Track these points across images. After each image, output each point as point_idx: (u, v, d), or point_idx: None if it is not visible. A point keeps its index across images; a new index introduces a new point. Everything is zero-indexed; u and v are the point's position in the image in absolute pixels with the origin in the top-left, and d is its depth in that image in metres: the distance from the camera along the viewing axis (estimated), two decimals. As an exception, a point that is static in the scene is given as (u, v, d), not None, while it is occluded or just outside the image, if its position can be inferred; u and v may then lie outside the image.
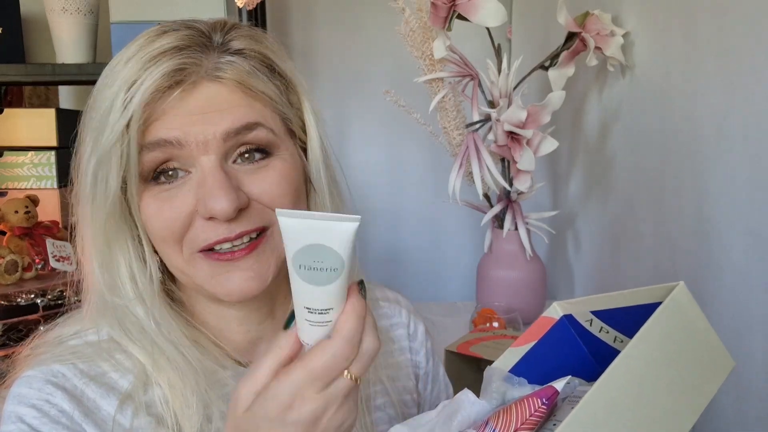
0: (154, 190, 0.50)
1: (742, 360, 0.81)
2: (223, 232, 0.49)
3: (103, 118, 0.48)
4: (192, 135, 0.48)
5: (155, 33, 0.50)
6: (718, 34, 0.84)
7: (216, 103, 0.49)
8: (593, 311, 0.53)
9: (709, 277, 0.87)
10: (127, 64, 0.48)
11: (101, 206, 0.50)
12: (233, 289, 0.51)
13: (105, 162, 0.48)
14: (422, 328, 0.70)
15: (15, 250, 1.26)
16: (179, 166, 0.50)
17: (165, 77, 0.47)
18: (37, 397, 0.49)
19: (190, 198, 0.50)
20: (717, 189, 0.85)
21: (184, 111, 0.48)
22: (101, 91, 0.50)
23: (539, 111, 1.13)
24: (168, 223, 0.50)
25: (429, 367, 0.70)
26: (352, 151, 1.80)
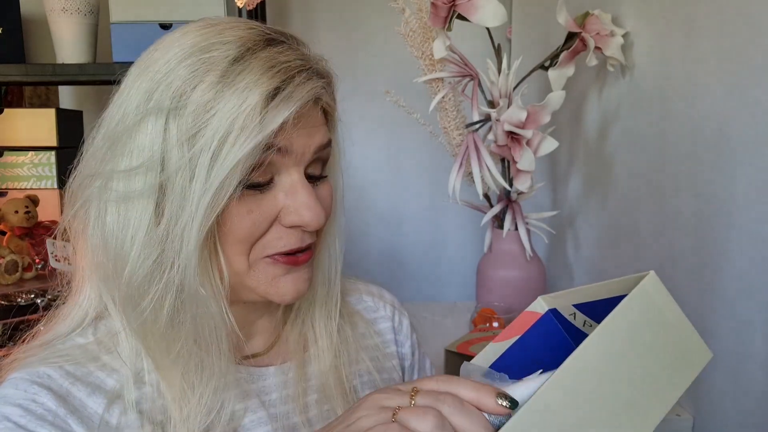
0: (245, 192, 0.50)
1: (742, 360, 0.81)
2: (297, 241, 0.53)
3: (228, 125, 0.47)
4: (296, 146, 0.51)
5: (261, 39, 0.50)
6: (718, 34, 0.84)
7: (311, 119, 0.52)
8: (575, 305, 0.53)
9: (709, 277, 0.87)
10: (248, 67, 0.48)
11: (204, 220, 0.48)
12: (290, 290, 0.54)
13: (230, 174, 0.48)
14: (407, 321, 0.72)
15: (15, 250, 1.26)
16: (270, 175, 0.52)
17: (311, 94, 0.50)
18: (23, 397, 0.50)
19: (276, 204, 0.52)
20: (717, 189, 0.85)
21: (292, 125, 0.50)
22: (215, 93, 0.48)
23: (539, 111, 1.13)
24: (253, 226, 0.51)
25: (415, 360, 0.71)
26: (352, 151, 1.79)
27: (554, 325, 0.55)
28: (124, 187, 0.50)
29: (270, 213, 0.52)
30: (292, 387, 0.59)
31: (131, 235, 0.50)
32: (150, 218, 0.50)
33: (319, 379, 0.61)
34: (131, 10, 1.25)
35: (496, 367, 0.51)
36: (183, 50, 0.49)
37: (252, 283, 0.53)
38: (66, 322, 0.55)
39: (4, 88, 1.63)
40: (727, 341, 0.83)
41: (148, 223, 0.50)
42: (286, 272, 0.53)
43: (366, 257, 1.82)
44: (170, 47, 0.50)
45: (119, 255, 0.51)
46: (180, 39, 0.50)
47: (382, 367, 0.66)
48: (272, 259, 0.53)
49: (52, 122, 1.40)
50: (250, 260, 0.52)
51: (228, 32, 0.50)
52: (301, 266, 0.54)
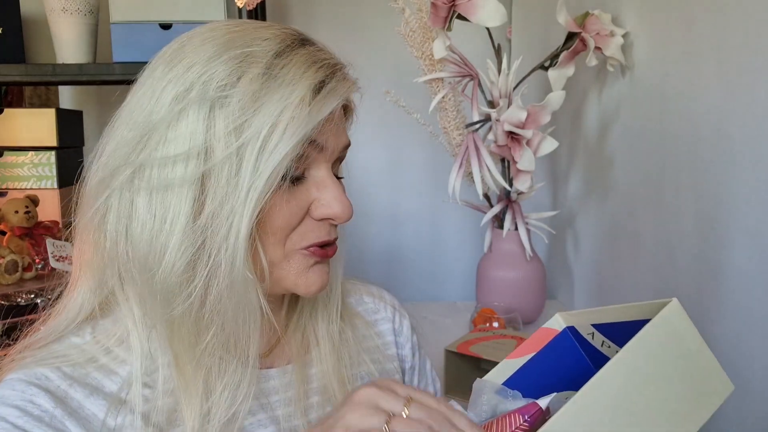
0: (285, 182, 0.51)
1: (742, 360, 0.81)
2: (327, 234, 0.55)
3: (275, 117, 0.48)
4: (330, 142, 0.54)
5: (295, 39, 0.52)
6: (717, 34, 0.84)
7: (341, 122, 0.56)
8: (594, 324, 0.51)
9: (709, 277, 0.87)
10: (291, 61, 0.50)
11: (254, 209, 0.49)
12: (316, 281, 0.55)
13: (279, 165, 0.49)
14: (407, 323, 0.72)
15: (15, 250, 1.26)
16: (302, 166, 0.53)
17: (351, 91, 0.54)
18: (20, 398, 0.49)
19: (309, 197, 0.53)
20: (716, 189, 0.85)
21: (328, 122, 0.52)
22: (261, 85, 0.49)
23: (539, 111, 1.13)
24: (291, 216, 0.52)
25: (415, 361, 0.71)
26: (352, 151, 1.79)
27: (571, 343, 0.54)
28: (160, 174, 0.49)
29: (303, 205, 0.53)
30: (293, 389, 0.59)
31: (170, 224, 0.49)
32: (190, 207, 0.49)
33: (320, 381, 0.61)
34: (131, 10, 1.25)
35: (510, 384, 0.50)
36: (220, 44, 0.50)
37: (282, 274, 0.54)
38: (60, 318, 0.55)
39: (4, 88, 1.63)
40: (727, 341, 0.83)
41: (188, 212, 0.49)
42: (315, 264, 0.55)
43: (366, 257, 1.82)
44: (203, 42, 0.50)
45: (154, 245, 0.49)
46: (211, 34, 0.51)
47: (383, 369, 0.66)
48: (307, 251, 0.54)
49: (52, 122, 1.40)
50: (285, 250, 0.53)
51: (263, 30, 0.51)
52: (327, 260, 0.56)
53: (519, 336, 1.02)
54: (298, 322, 0.63)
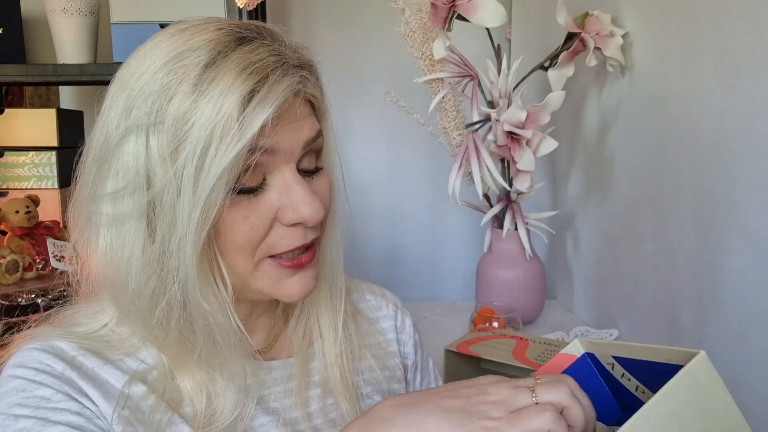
0: (237, 198, 0.49)
1: (742, 360, 0.81)
2: (301, 238, 0.52)
3: (207, 135, 0.46)
4: (282, 144, 0.50)
5: (231, 39, 0.48)
6: (717, 34, 0.84)
7: (295, 113, 0.51)
8: (615, 356, 0.49)
9: (709, 276, 0.87)
10: (220, 72, 0.47)
11: (198, 233, 0.48)
12: (297, 290, 0.54)
13: (217, 184, 0.47)
14: (409, 321, 0.72)
15: (16, 250, 1.26)
16: (262, 176, 0.51)
17: (287, 93, 0.48)
18: (36, 362, 0.51)
19: (272, 205, 0.51)
20: (716, 189, 0.85)
21: (275, 123, 0.49)
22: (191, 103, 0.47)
23: (539, 111, 1.13)
24: (251, 231, 0.50)
25: (417, 359, 0.72)
26: (352, 151, 1.80)
27: (591, 369, 0.51)
28: (113, 209, 0.50)
29: (266, 215, 0.51)
30: (294, 381, 0.59)
31: (127, 257, 0.50)
32: (144, 238, 0.49)
33: (322, 374, 0.61)
34: (132, 11, 1.25)
35: None
36: (155, 62, 0.48)
37: (258, 285, 0.53)
38: (81, 327, 0.56)
39: (4, 89, 1.63)
40: (727, 341, 0.83)
41: (143, 244, 0.49)
42: (292, 274, 0.53)
43: (366, 257, 1.82)
44: (143, 60, 0.50)
45: (119, 277, 0.50)
46: (152, 50, 0.50)
47: (384, 365, 0.66)
48: (276, 263, 0.52)
49: (53, 122, 1.40)
50: (255, 261, 0.52)
51: (197, 37, 0.49)
52: (304, 267, 0.54)
53: (519, 336, 1.03)
54: (300, 316, 0.63)
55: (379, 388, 0.65)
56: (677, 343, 0.96)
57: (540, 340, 1.00)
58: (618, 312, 1.19)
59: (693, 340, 0.92)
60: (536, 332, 1.24)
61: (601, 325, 1.25)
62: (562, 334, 1.23)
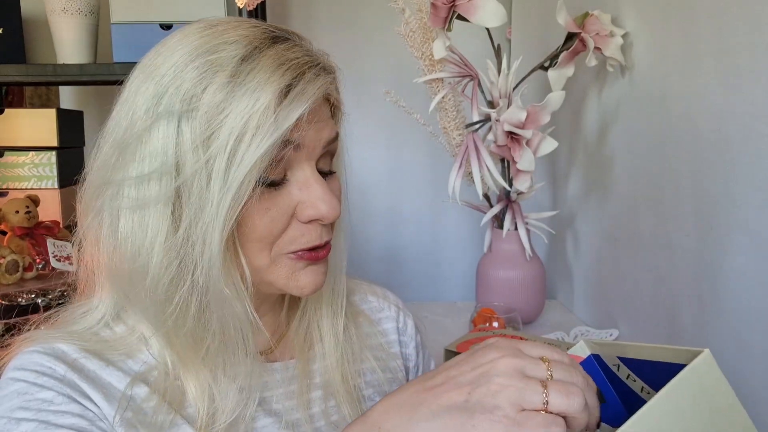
0: (259, 190, 0.50)
1: (742, 360, 0.81)
2: (317, 237, 0.53)
3: (242, 125, 0.47)
4: (308, 140, 0.51)
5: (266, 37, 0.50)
6: (717, 34, 0.84)
7: (321, 113, 0.53)
8: (620, 357, 0.49)
9: (709, 276, 0.87)
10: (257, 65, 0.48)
11: (226, 222, 0.48)
12: (309, 283, 0.54)
13: (250, 174, 0.47)
14: (411, 322, 0.72)
15: (16, 250, 1.26)
16: (285, 171, 0.52)
17: (322, 91, 0.50)
18: (37, 365, 0.51)
19: (294, 200, 0.52)
20: (716, 189, 0.85)
21: (303, 120, 0.50)
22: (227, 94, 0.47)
23: (539, 111, 1.13)
24: (272, 223, 0.51)
25: (419, 360, 0.72)
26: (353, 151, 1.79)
27: (596, 370, 0.51)
28: (137, 193, 0.49)
29: (286, 209, 0.52)
30: (296, 383, 0.60)
31: (149, 242, 0.49)
32: (168, 224, 0.49)
33: (323, 376, 0.61)
34: (132, 11, 1.25)
35: None
36: (188, 52, 0.49)
37: (272, 278, 0.53)
38: (78, 325, 0.56)
39: (4, 89, 1.63)
40: (727, 341, 0.84)
41: (167, 230, 0.49)
42: (306, 266, 0.54)
43: (366, 257, 1.82)
44: (174, 50, 0.50)
45: (138, 263, 0.50)
46: (183, 41, 0.50)
47: (386, 367, 0.66)
48: (296, 255, 0.53)
49: (53, 122, 1.40)
50: (272, 256, 0.52)
51: (232, 32, 0.50)
52: (320, 261, 0.55)
53: (519, 336, 1.02)
54: (302, 318, 0.63)
55: (381, 389, 0.65)
56: (677, 343, 0.96)
57: (540, 340, 1.00)
58: (618, 312, 1.19)
59: (693, 340, 0.92)
60: (536, 332, 1.24)
61: (601, 325, 1.25)
62: (562, 334, 1.23)
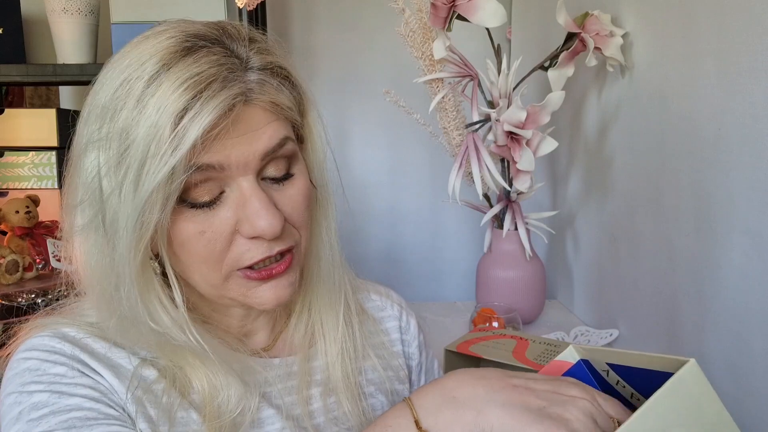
0: (191, 212, 0.49)
1: (742, 360, 0.81)
2: (265, 250, 0.51)
3: (143, 151, 0.46)
4: (233, 157, 0.48)
5: (175, 49, 0.48)
6: (717, 34, 0.84)
7: (252, 124, 0.49)
8: (609, 363, 0.49)
9: (709, 277, 0.87)
10: (159, 88, 0.46)
11: (135, 245, 0.48)
12: (270, 299, 0.53)
13: (152, 199, 0.46)
14: (414, 321, 0.72)
15: (16, 250, 1.26)
16: (218, 189, 0.50)
17: (219, 110, 0.46)
18: (47, 347, 0.52)
19: (230, 218, 0.50)
20: (716, 189, 0.85)
21: (222, 136, 0.47)
22: (132, 119, 0.47)
23: (539, 111, 1.13)
24: (209, 244, 0.50)
25: (422, 359, 0.72)
26: (352, 151, 1.80)
27: (586, 376, 0.51)
28: (80, 220, 0.51)
29: (224, 229, 0.50)
30: (296, 379, 0.60)
31: (90, 266, 0.52)
32: (100, 247, 0.50)
33: (324, 373, 0.61)
34: (132, 11, 1.25)
35: None
36: (112, 76, 0.49)
37: (230, 295, 0.53)
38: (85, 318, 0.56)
39: (4, 89, 1.63)
40: (727, 341, 0.84)
41: (97, 255, 0.51)
42: (262, 283, 0.53)
43: (366, 257, 1.82)
44: (107, 72, 0.50)
45: (89, 283, 0.53)
46: (116, 62, 0.50)
47: (388, 365, 0.67)
48: (244, 275, 0.52)
49: (53, 122, 1.40)
50: (223, 274, 0.52)
51: (148, 49, 0.48)
52: (279, 276, 0.53)
53: (519, 336, 1.03)
54: (301, 314, 0.63)
55: (383, 387, 0.65)
56: (678, 343, 0.96)
57: (540, 340, 1.00)
58: (618, 312, 1.19)
59: (693, 340, 0.92)
60: (536, 332, 1.24)
61: (601, 325, 1.25)
62: (562, 334, 1.23)
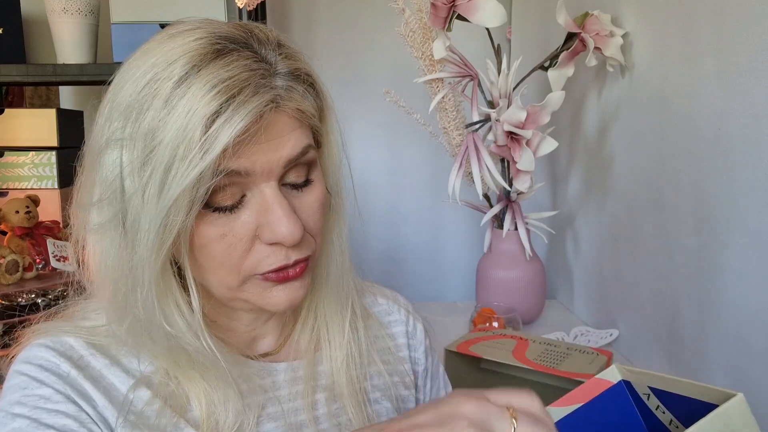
0: (213, 216, 0.49)
1: (742, 360, 0.81)
2: (283, 258, 0.51)
3: (171, 154, 0.46)
4: (258, 164, 0.48)
5: (207, 52, 0.47)
6: (717, 34, 0.84)
7: (279, 131, 0.49)
8: (651, 387, 0.48)
9: (709, 276, 0.87)
10: (189, 90, 0.46)
11: (157, 248, 0.48)
12: (283, 301, 0.53)
13: (178, 203, 0.46)
14: (421, 326, 0.71)
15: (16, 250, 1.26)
16: (240, 193, 0.50)
17: (252, 116, 0.46)
18: (42, 359, 0.52)
19: (252, 223, 0.50)
20: (716, 189, 0.85)
21: (252, 142, 0.47)
22: (160, 120, 0.46)
23: (539, 111, 1.13)
24: (229, 248, 0.50)
25: (428, 364, 0.71)
26: (353, 151, 1.78)
27: (626, 398, 0.50)
28: (96, 218, 0.51)
29: (245, 233, 0.50)
30: (301, 384, 0.59)
31: (106, 265, 0.51)
32: (118, 247, 0.50)
33: (329, 378, 0.61)
34: (132, 11, 1.25)
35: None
36: (136, 74, 0.49)
37: (244, 296, 0.53)
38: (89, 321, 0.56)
39: (4, 89, 1.63)
40: (727, 340, 0.84)
41: (114, 255, 0.51)
42: (275, 285, 0.53)
43: (366, 257, 1.82)
44: (129, 69, 0.50)
45: (103, 284, 0.53)
46: (140, 59, 0.50)
47: (394, 370, 0.66)
48: (263, 277, 0.52)
49: (53, 122, 1.40)
50: (241, 278, 0.52)
51: (177, 48, 0.48)
52: (294, 279, 0.53)
53: (519, 336, 1.03)
54: (308, 319, 0.62)
55: (388, 393, 0.64)
56: (678, 343, 0.96)
57: (540, 340, 1.00)
58: (618, 312, 1.19)
59: (693, 340, 0.92)
60: (536, 332, 1.24)
61: (601, 325, 1.25)
62: (562, 334, 1.23)
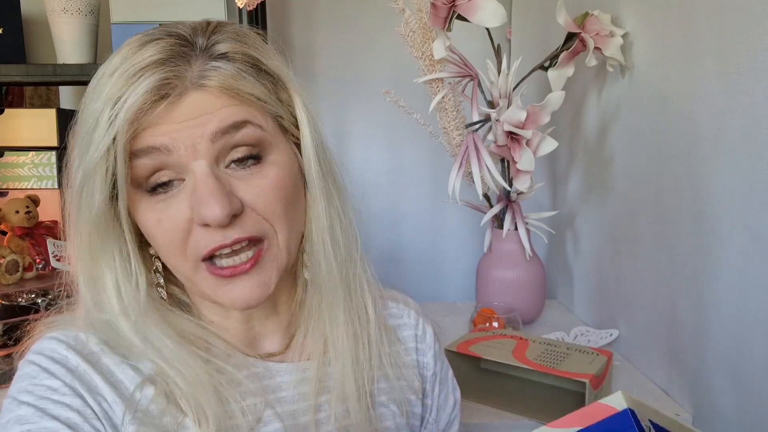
0: (151, 201, 0.51)
1: (742, 360, 0.81)
2: (218, 238, 0.50)
3: (88, 133, 0.49)
4: (179, 140, 0.49)
5: (137, 43, 0.50)
6: (717, 34, 0.84)
7: (202, 108, 0.49)
8: (651, 421, 0.47)
9: (709, 277, 0.87)
10: (111, 77, 0.49)
11: (86, 220, 0.51)
12: (238, 298, 0.52)
13: (90, 176, 0.49)
14: (430, 330, 0.70)
15: (16, 250, 1.26)
16: (174, 175, 0.50)
17: (148, 93, 0.48)
18: (53, 353, 0.52)
19: (185, 206, 0.50)
20: (716, 189, 0.85)
21: (170, 120, 0.48)
22: (87, 105, 0.50)
23: (539, 111, 1.13)
24: (168, 233, 0.51)
25: (437, 369, 0.69)
26: (353, 151, 1.80)
27: (631, 426, 0.48)
28: None
29: (179, 217, 0.50)
30: (305, 386, 0.59)
31: None
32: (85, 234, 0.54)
33: (335, 380, 0.60)
34: (132, 11, 1.25)
35: None
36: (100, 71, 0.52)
37: (203, 290, 0.53)
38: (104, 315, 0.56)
39: (4, 89, 1.63)
40: (727, 340, 0.84)
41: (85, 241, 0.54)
42: (231, 281, 0.52)
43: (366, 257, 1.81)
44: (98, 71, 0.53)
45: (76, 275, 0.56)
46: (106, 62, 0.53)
47: (401, 375, 0.65)
48: (209, 270, 0.51)
49: (53, 122, 1.40)
50: (189, 263, 0.52)
51: (125, 47, 0.51)
52: (243, 276, 0.52)
53: (519, 336, 1.03)
54: (314, 319, 0.61)
55: (395, 397, 0.63)
56: (677, 343, 0.96)
57: (540, 340, 1.00)
58: (618, 312, 1.19)
59: (692, 340, 0.92)
60: (536, 332, 1.24)
61: (601, 325, 1.25)
62: (562, 334, 1.23)
